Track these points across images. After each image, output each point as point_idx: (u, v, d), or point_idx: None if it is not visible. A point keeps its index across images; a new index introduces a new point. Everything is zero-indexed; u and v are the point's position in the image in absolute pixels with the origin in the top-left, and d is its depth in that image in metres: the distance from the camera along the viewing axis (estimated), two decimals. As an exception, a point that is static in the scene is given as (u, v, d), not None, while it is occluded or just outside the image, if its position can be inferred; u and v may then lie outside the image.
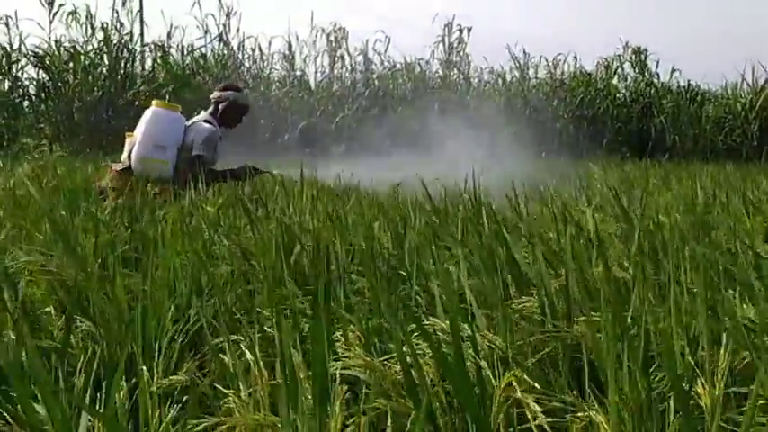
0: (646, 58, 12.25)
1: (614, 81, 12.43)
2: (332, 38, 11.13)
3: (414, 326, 1.13)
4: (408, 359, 1.02)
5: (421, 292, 1.67)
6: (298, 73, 11.09)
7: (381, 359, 1.15)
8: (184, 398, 1.24)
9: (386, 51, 11.16)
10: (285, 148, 9.72)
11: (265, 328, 1.40)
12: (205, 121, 3.97)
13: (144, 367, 1.16)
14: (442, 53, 10.99)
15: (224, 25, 10.41)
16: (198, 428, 1.06)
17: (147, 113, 3.84)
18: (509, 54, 11.64)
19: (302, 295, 1.65)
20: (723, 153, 11.72)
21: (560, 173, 5.70)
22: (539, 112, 11.45)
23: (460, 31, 10.99)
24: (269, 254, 1.78)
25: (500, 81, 11.69)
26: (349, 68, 11.19)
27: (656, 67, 12.25)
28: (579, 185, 4.29)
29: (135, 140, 3.77)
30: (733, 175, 5.97)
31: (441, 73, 10.93)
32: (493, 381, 1.07)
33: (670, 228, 2.22)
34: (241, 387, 1.13)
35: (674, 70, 12.46)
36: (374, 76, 11.20)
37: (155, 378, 1.20)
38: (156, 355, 1.33)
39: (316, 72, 11.16)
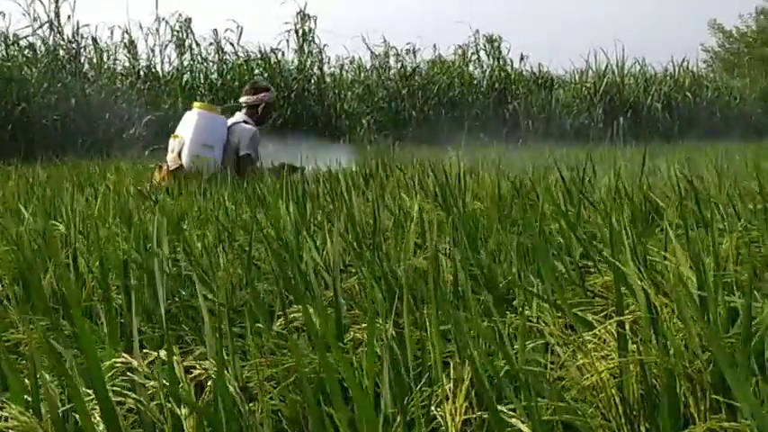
0: (499, 45, 12.59)
1: (471, 68, 12.70)
2: (177, 27, 10.50)
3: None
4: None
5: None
6: (143, 64, 10.37)
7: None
8: None
9: (238, 41, 10.68)
10: (130, 143, 9.06)
11: None
12: (244, 122, 4.29)
13: None
14: (294, 42, 10.67)
15: (54, 12, 9.49)
16: None
17: (192, 115, 4.17)
18: (364, 43, 11.55)
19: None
20: (572, 136, 12.29)
21: (417, 159, 5.65)
22: (397, 100, 11.45)
23: (308, 18, 10.72)
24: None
25: (358, 70, 11.56)
26: (200, 59, 10.59)
27: (508, 53, 12.63)
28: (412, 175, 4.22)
29: (182, 141, 4.05)
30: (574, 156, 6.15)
31: (295, 63, 10.59)
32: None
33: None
34: None
35: (522, 57, 12.91)
36: (228, 66, 10.69)
37: None
38: None
39: (163, 62, 10.49)
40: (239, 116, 4.34)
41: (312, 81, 10.65)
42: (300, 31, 10.67)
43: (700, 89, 15.17)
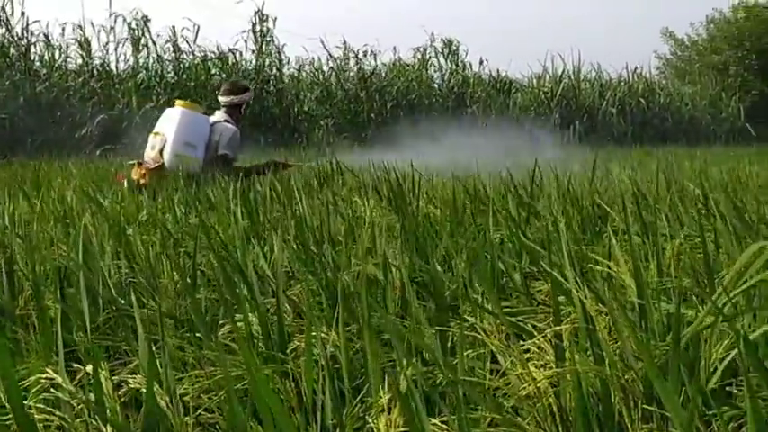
0: (457, 49, 12.69)
1: (431, 72, 12.76)
2: (133, 25, 10.29)
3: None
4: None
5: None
6: (97, 62, 10.13)
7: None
8: None
9: (195, 40, 10.52)
10: (82, 143, 8.85)
11: None
12: (225, 121, 4.24)
13: None
14: (252, 43, 10.56)
15: (2, 8, 9.19)
16: None
17: (174, 113, 4.05)
18: (322, 45, 11.52)
19: None
20: (530, 139, 12.45)
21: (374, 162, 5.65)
22: (356, 103, 11.44)
23: (266, 18, 10.62)
24: None
25: (317, 72, 11.51)
26: (156, 57, 10.40)
27: (466, 56, 12.73)
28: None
29: (164, 138, 3.96)
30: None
31: (254, 63, 10.49)
32: None
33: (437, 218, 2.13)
34: None
35: (481, 61, 13.03)
36: (185, 65, 10.52)
37: None
38: None
39: (117, 61, 10.26)
40: (220, 115, 4.30)
41: (271, 82, 10.56)
42: (258, 32, 10.57)
43: (652, 95, 15.56)
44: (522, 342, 1.10)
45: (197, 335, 1.17)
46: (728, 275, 0.94)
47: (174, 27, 10.60)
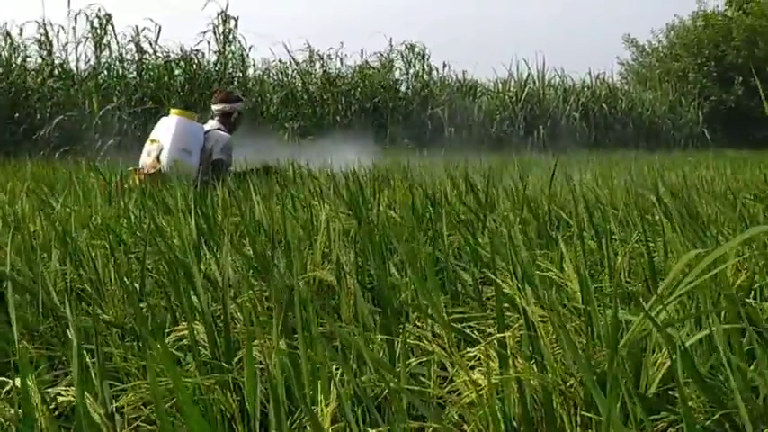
0: (422, 52, 12.74)
1: (397, 75, 12.79)
2: (95, 23, 10.10)
3: None
4: None
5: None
6: (57, 61, 9.90)
7: None
8: None
9: (156, 40, 10.36)
10: (40, 144, 8.65)
11: None
12: (219, 129, 4.46)
13: None
14: (215, 44, 10.45)
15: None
16: None
17: (170, 122, 4.27)
18: (286, 49, 11.47)
19: None
20: (494, 143, 12.57)
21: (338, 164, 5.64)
22: (321, 105, 11.40)
23: (229, 20, 10.52)
24: None
25: (282, 74, 11.44)
26: (118, 57, 10.21)
27: (429, 58, 12.78)
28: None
29: (161, 146, 4.18)
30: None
31: (217, 65, 10.37)
32: None
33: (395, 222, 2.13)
34: None
35: (445, 65, 13.11)
36: (148, 66, 10.35)
37: None
38: None
39: (77, 60, 10.05)
40: (213, 123, 4.53)
41: (235, 83, 10.46)
42: (221, 33, 10.47)
43: (615, 101, 15.82)
44: (468, 349, 1.10)
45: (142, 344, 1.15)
46: (662, 284, 0.96)
47: (136, 27, 10.44)
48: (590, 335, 1.17)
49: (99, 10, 10.17)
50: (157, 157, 4.20)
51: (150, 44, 10.30)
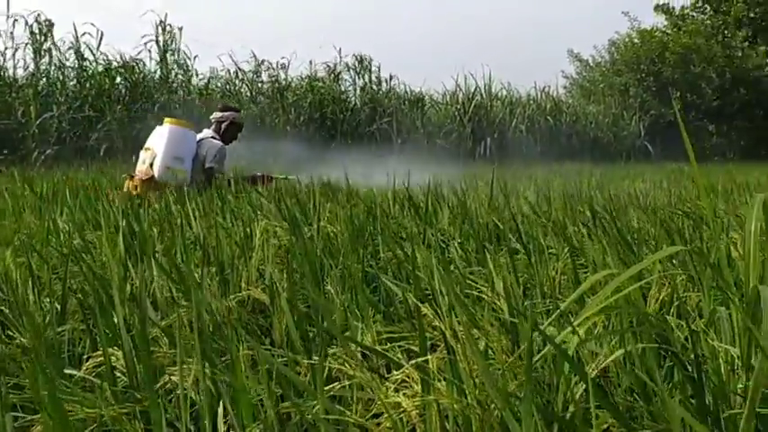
0: (369, 64, 12.79)
1: (346, 86, 12.81)
2: (35, 29, 9.80)
3: None
4: None
5: None
6: (-6, 68, 9.57)
7: None
8: None
9: (98, 47, 10.11)
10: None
11: None
12: (212, 137, 4.67)
13: None
14: (156, 53, 10.27)
15: None
16: None
17: (163, 130, 4.40)
18: (231, 59, 11.36)
19: None
20: (442, 154, 12.70)
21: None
22: (270, 115, 11.32)
23: (170, 28, 10.38)
24: None
25: (228, 83, 11.32)
26: (57, 64, 9.93)
27: (378, 71, 12.85)
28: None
29: (154, 153, 4.32)
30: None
31: (159, 73, 10.19)
32: None
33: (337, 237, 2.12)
34: None
35: (392, 77, 13.19)
36: (88, 73, 10.09)
37: None
38: None
39: (15, 67, 9.72)
40: (208, 132, 4.73)
41: (179, 92, 10.29)
42: (162, 42, 10.29)
43: (559, 113, 16.20)
44: (395, 372, 1.09)
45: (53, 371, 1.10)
46: (563, 304, 0.97)
47: (76, 32, 10.17)
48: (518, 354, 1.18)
49: (39, 15, 9.89)
50: (151, 165, 4.34)
51: (91, 51, 10.05)
